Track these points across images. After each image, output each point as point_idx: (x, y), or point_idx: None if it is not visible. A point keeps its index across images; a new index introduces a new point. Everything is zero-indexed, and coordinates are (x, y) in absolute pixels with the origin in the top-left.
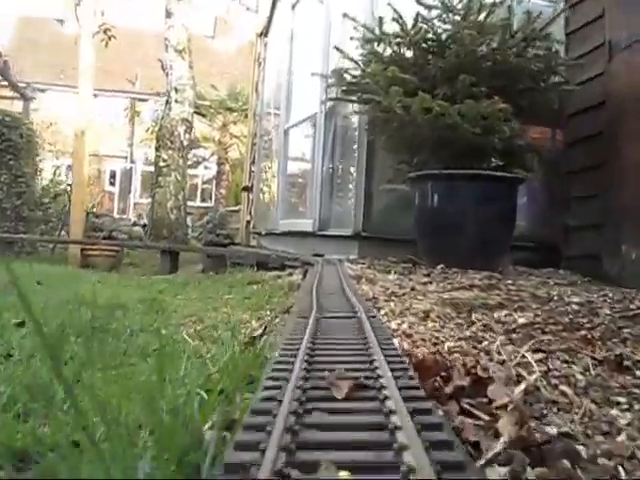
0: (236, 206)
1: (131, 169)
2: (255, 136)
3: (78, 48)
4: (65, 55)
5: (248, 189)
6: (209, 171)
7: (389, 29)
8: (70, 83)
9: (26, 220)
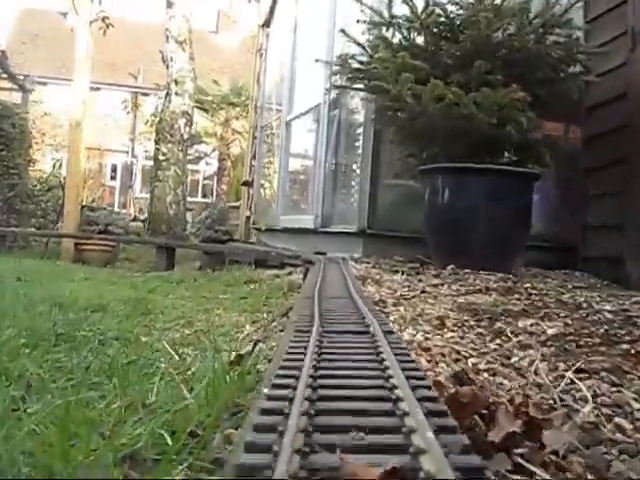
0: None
1: (132, 163)
2: (256, 129)
3: (75, 36)
4: (67, 48)
5: (248, 184)
6: (210, 167)
7: (398, 12)
8: (72, 77)
9: (19, 213)
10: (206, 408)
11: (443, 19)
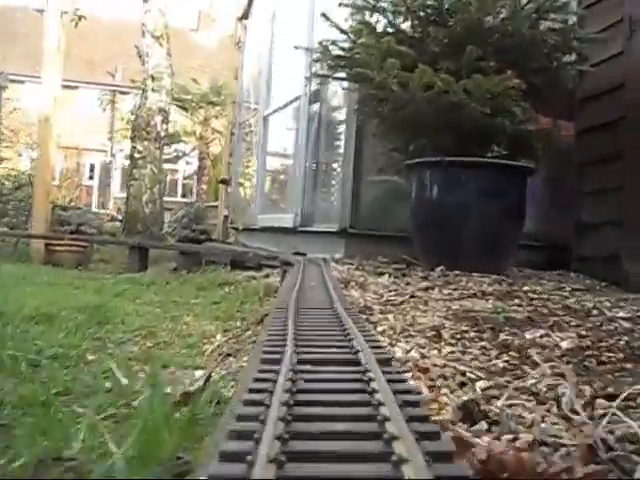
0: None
1: (111, 163)
2: (234, 125)
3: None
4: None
5: (226, 182)
6: (190, 166)
7: None
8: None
9: None
10: (137, 467)
11: (431, 2)
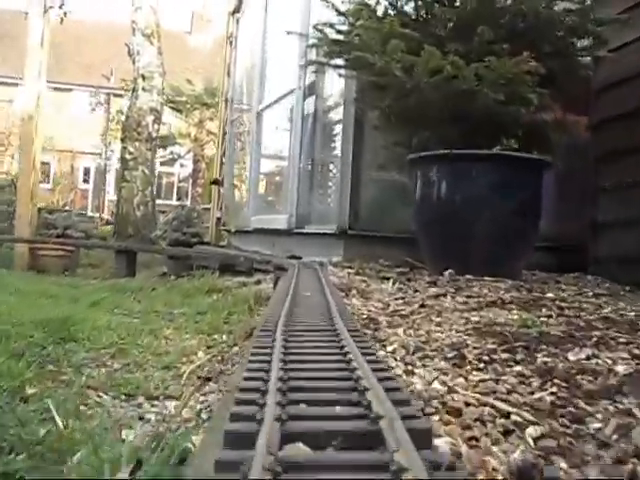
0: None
1: (106, 166)
2: (226, 123)
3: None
4: None
5: (218, 182)
6: (185, 169)
7: None
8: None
9: None
10: None
11: None
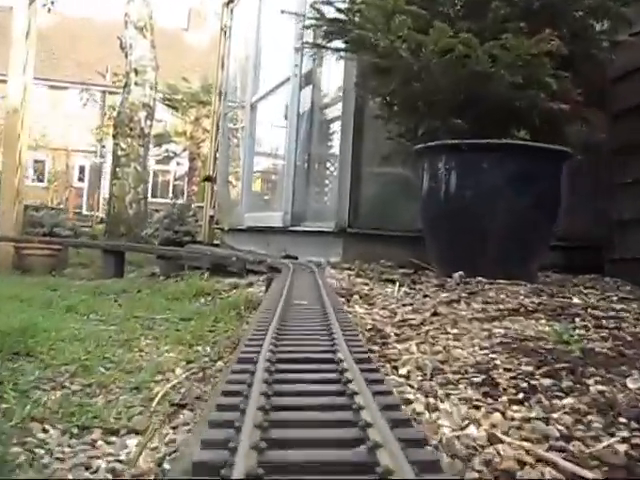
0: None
1: (101, 164)
2: (220, 117)
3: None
4: None
5: (211, 179)
6: (181, 167)
7: None
8: (36, 75)
9: None
10: None
11: None
